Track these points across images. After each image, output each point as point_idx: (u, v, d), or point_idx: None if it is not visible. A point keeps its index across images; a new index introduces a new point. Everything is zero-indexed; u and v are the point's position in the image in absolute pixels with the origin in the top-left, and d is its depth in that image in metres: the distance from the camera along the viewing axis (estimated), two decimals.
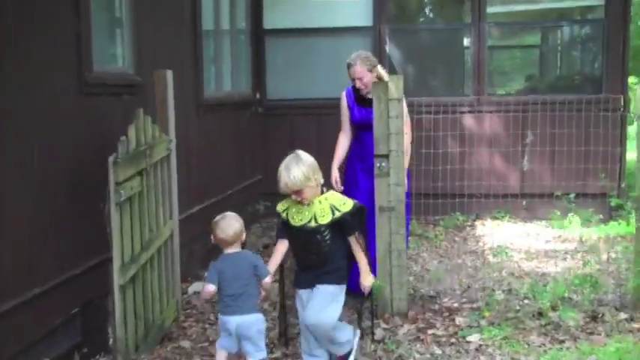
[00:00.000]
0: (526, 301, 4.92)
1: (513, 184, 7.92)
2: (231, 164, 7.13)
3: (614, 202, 7.65)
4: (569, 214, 7.27)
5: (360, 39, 8.07)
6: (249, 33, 8.00)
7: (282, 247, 3.94)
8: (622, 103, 7.67)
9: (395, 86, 4.71)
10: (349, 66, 5.18)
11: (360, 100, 5.26)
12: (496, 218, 7.84)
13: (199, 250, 5.82)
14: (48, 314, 3.70)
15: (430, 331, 4.47)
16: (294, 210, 3.82)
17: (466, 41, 8.42)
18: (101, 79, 4.36)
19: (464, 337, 4.34)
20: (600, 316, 4.55)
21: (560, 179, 7.74)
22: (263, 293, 3.77)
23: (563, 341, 4.23)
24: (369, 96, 5.15)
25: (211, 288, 3.62)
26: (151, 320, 4.28)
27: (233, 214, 3.75)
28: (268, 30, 8.21)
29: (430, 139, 7.59)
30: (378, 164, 4.76)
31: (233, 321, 3.62)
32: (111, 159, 3.69)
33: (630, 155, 7.87)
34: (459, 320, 4.63)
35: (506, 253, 5.59)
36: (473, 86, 7.97)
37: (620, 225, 7.21)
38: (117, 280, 3.72)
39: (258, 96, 8.16)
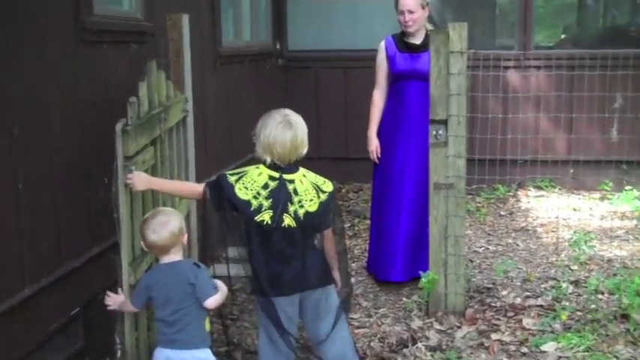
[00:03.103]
0: (600, 297, 4.21)
1: (560, 149, 7.09)
2: (251, 124, 6.30)
3: None
4: (626, 187, 6.54)
5: None
6: None
7: None
8: None
9: (457, 36, 3.92)
10: None
11: (404, 46, 4.51)
12: (540, 188, 7.07)
13: (216, 224, 5.07)
14: (42, 318, 2.99)
15: (494, 336, 3.77)
16: None
17: None
18: (103, 24, 3.55)
19: (537, 347, 3.63)
20: None
21: (613, 145, 6.89)
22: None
23: None
24: (415, 41, 4.48)
25: (135, 311, 2.87)
26: None
27: (169, 208, 2.82)
28: None
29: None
30: (434, 132, 3.99)
31: (163, 355, 2.77)
32: (119, 127, 2.89)
33: None
34: (526, 322, 3.91)
35: (578, 243, 4.76)
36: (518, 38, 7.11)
37: None
38: (126, 278, 2.98)
39: (278, 47, 7.30)
